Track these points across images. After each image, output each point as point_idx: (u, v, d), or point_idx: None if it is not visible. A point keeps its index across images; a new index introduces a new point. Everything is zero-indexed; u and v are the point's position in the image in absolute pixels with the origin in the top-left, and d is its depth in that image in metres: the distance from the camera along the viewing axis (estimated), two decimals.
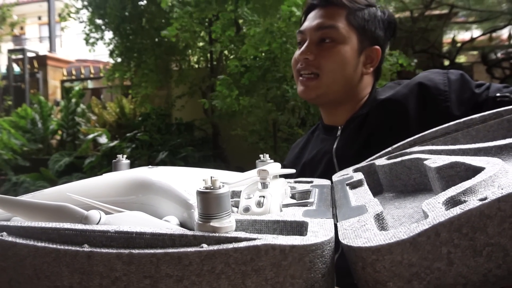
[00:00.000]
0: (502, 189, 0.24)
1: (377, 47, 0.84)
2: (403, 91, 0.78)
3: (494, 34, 3.22)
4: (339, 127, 0.84)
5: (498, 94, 0.69)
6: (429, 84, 0.75)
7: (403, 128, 0.74)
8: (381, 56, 0.85)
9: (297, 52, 0.84)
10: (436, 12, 3.04)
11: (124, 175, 0.44)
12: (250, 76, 2.21)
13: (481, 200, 0.24)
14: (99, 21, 3.58)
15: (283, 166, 0.94)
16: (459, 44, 2.83)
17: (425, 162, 0.41)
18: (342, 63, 0.79)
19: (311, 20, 0.82)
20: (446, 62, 2.97)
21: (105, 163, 3.42)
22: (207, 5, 2.52)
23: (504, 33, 3.33)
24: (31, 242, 0.31)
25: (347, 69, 0.80)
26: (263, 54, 2.23)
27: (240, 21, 2.72)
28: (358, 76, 0.83)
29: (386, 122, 0.77)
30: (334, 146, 0.82)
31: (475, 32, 3.09)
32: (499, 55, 3.22)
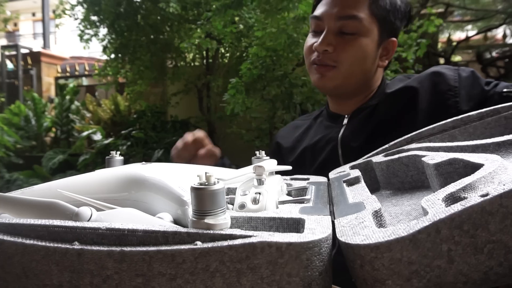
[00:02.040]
0: (504, 185, 0.23)
1: (394, 39, 0.81)
2: (413, 85, 0.77)
3: (489, 34, 3.24)
4: (346, 116, 0.83)
5: (505, 90, 0.69)
6: (439, 79, 0.75)
7: (411, 121, 0.73)
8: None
9: (311, 40, 0.80)
10: (432, 11, 3.04)
11: (117, 171, 0.43)
12: (252, 74, 2.19)
13: (482, 196, 0.23)
14: (93, 18, 3.54)
15: (276, 145, 0.93)
16: (454, 43, 2.84)
17: (423, 158, 0.41)
18: (362, 57, 0.76)
19: (330, 6, 0.76)
20: (442, 61, 2.98)
21: (99, 160, 3.40)
22: (228, 9, 2.45)
23: (499, 32, 3.35)
24: (19, 240, 0.30)
25: (366, 63, 0.77)
26: (265, 52, 2.20)
27: (236, 18, 2.70)
28: (374, 69, 0.80)
29: (395, 114, 0.76)
30: (340, 134, 0.80)
31: (471, 31, 3.11)
32: (494, 54, 3.24)
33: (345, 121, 0.82)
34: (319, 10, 0.79)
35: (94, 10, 3.40)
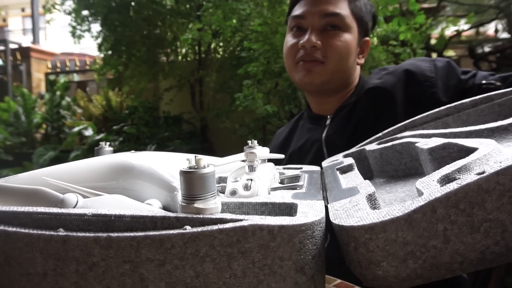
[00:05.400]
0: (500, 162, 0.23)
1: (368, 38, 0.84)
2: (390, 78, 0.78)
3: (481, 28, 3.26)
4: (328, 116, 0.83)
5: (483, 82, 0.70)
6: (416, 70, 0.76)
7: (392, 115, 0.73)
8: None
9: (293, 39, 0.80)
10: (425, 5, 3.05)
11: (104, 159, 0.42)
12: (247, 67, 2.17)
13: (478, 174, 0.23)
14: (85, 12, 3.47)
15: None
16: (447, 38, 2.86)
17: (416, 144, 0.40)
18: (348, 52, 0.78)
19: (311, 5, 0.78)
20: (434, 55, 3.00)
21: (91, 156, 3.35)
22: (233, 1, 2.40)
23: (491, 27, 3.38)
24: (1, 227, 0.29)
25: (350, 58, 0.79)
26: (267, 47, 2.17)
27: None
28: (355, 66, 0.82)
29: (375, 109, 0.77)
30: (324, 134, 0.80)
31: (463, 26, 3.12)
32: (486, 48, 3.26)
33: (328, 121, 0.82)
34: (300, 10, 0.79)
35: (85, 4, 3.34)
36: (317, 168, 0.53)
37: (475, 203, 0.22)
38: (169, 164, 0.38)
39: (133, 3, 3.27)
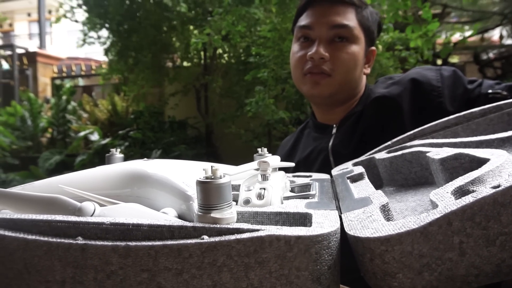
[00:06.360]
0: None
1: (374, 48, 0.84)
2: (397, 88, 0.78)
3: (486, 35, 3.26)
4: (334, 125, 0.83)
5: (490, 91, 0.70)
6: (422, 80, 0.76)
7: (398, 124, 0.74)
8: None
9: (300, 50, 0.80)
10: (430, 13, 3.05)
11: (119, 167, 0.42)
12: (255, 73, 2.17)
13: (494, 187, 0.23)
14: (97, 21, 3.49)
15: None
16: (452, 44, 2.86)
17: (428, 154, 0.41)
18: (355, 64, 0.78)
19: (319, 16, 0.77)
20: (439, 62, 3.00)
21: (96, 161, 3.38)
22: (239, 4, 2.41)
23: (495, 34, 3.37)
24: (21, 235, 0.29)
25: (357, 69, 0.79)
26: (277, 53, 2.16)
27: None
28: (362, 76, 0.82)
29: (381, 118, 0.77)
30: (330, 143, 0.81)
31: (467, 32, 3.13)
32: (491, 55, 3.26)
33: (334, 130, 0.82)
34: (307, 20, 0.79)
35: (99, 12, 3.37)
36: (326, 176, 0.53)
37: (491, 217, 0.22)
38: (183, 173, 0.39)
39: (143, 11, 3.30)
